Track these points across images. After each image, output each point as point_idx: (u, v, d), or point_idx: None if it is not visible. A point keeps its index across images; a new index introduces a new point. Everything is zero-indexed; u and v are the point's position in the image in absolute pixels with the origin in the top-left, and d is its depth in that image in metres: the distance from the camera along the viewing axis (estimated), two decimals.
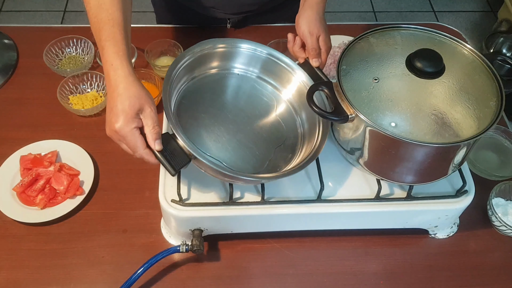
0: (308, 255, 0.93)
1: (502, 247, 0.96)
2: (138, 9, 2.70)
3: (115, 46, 0.78)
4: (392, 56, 0.83)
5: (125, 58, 0.78)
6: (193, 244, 0.85)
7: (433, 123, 0.76)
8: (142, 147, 0.74)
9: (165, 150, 0.74)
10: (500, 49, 2.27)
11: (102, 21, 0.80)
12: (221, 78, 0.93)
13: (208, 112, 0.88)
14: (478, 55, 0.84)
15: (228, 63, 0.93)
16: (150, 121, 0.75)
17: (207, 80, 0.91)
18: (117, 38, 0.79)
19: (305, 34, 0.92)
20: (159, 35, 1.20)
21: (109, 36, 0.79)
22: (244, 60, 0.93)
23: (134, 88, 0.76)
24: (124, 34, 0.80)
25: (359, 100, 0.78)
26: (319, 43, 0.92)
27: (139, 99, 0.75)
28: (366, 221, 0.91)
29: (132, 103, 0.74)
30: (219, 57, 0.91)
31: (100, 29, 0.80)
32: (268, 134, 0.89)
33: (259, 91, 0.93)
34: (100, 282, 0.88)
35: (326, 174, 0.88)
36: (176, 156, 0.74)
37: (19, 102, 1.13)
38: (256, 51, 0.92)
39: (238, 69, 0.93)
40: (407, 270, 0.92)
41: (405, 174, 0.83)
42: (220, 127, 0.87)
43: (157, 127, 0.75)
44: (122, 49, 0.78)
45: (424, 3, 2.87)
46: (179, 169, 0.74)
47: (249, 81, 0.94)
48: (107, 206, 0.97)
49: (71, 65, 1.19)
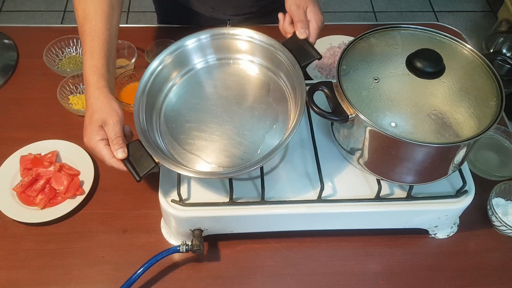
0: (308, 255, 0.93)
1: (502, 247, 0.96)
2: (138, 9, 2.70)
3: (91, 60, 0.83)
4: (392, 56, 0.83)
5: (97, 73, 0.82)
6: (193, 244, 0.85)
7: (433, 123, 0.76)
8: (109, 157, 0.79)
9: (132, 156, 0.79)
10: (500, 49, 2.27)
11: (85, 32, 0.85)
12: (204, 72, 0.92)
13: (194, 109, 0.88)
14: (478, 55, 0.84)
15: (205, 56, 0.92)
16: (112, 133, 0.79)
17: (192, 76, 0.91)
18: (94, 52, 0.83)
19: (292, 8, 0.90)
20: (159, 35, 1.20)
21: (88, 49, 0.84)
22: (219, 48, 0.91)
23: (99, 102, 0.80)
24: (103, 46, 0.84)
25: (359, 100, 0.78)
26: (307, 14, 0.89)
27: (102, 113, 0.80)
28: (366, 221, 0.91)
29: (95, 118, 0.79)
30: (194, 52, 0.91)
31: (83, 40, 0.85)
32: (256, 120, 0.86)
33: (241, 77, 0.91)
34: (100, 282, 0.88)
35: (326, 174, 0.88)
36: (143, 161, 0.78)
37: (19, 102, 1.13)
38: (227, 36, 0.89)
39: (214, 59, 0.92)
40: (407, 270, 0.92)
41: (405, 174, 0.83)
42: (207, 124, 0.86)
43: (118, 138, 0.79)
44: (97, 63, 0.83)
45: (424, 3, 2.87)
46: (143, 174, 0.78)
47: (231, 68, 0.92)
48: (107, 206, 0.97)
49: (71, 65, 1.19)
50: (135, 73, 1.13)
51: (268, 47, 0.89)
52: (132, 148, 0.79)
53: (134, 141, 0.80)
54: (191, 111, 0.88)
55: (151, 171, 0.78)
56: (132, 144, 0.80)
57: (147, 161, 0.78)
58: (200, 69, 0.92)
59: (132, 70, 1.13)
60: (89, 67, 0.83)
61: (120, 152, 0.78)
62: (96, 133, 0.79)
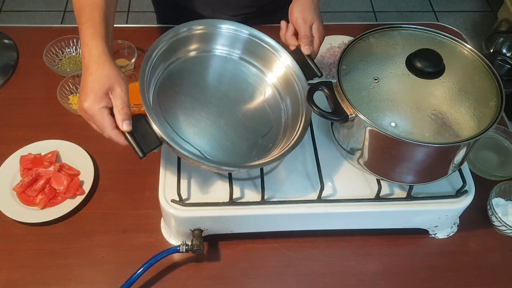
0: (308, 255, 0.93)
1: (502, 247, 0.96)
2: (138, 9, 2.70)
3: (92, 28, 0.78)
4: (392, 56, 0.83)
5: (101, 39, 0.77)
6: (193, 244, 0.85)
7: (433, 123, 0.76)
8: (110, 128, 0.73)
9: (135, 131, 0.73)
10: (500, 49, 2.27)
11: (83, 5, 0.80)
12: (204, 60, 0.90)
13: (189, 95, 0.86)
14: (478, 55, 0.84)
15: (209, 45, 0.90)
16: (119, 101, 0.74)
17: (190, 62, 0.89)
18: (95, 21, 0.79)
19: (299, 21, 0.90)
20: (159, 35, 1.19)
21: (88, 19, 0.79)
22: (225, 41, 0.90)
23: (105, 68, 0.75)
24: (104, 17, 0.80)
25: (359, 100, 0.78)
26: (312, 31, 0.90)
27: (109, 79, 0.74)
28: (366, 221, 0.91)
29: (102, 83, 0.74)
30: (198, 39, 0.89)
31: (80, 12, 0.80)
32: (253, 122, 0.86)
33: (243, 74, 0.90)
34: (100, 282, 0.88)
35: (326, 174, 0.88)
36: (147, 139, 0.73)
37: (19, 102, 1.13)
38: (237, 32, 0.89)
39: (219, 50, 0.90)
40: (407, 270, 0.92)
41: (405, 174, 0.83)
42: (200, 111, 0.84)
43: (125, 108, 0.74)
44: (99, 30, 0.78)
45: (424, 3, 2.87)
46: (148, 152, 0.73)
47: (232, 63, 0.91)
48: (107, 206, 0.97)
49: (71, 65, 1.19)
50: (135, 73, 1.13)
51: (271, 50, 0.89)
52: (135, 122, 0.74)
53: (137, 115, 0.75)
54: (188, 97, 0.85)
55: (155, 149, 0.74)
56: (135, 117, 0.75)
57: (152, 139, 0.73)
58: (204, 57, 0.90)
59: (132, 70, 1.13)
60: (91, 34, 0.77)
61: (126, 123, 0.73)
62: (101, 100, 0.73)
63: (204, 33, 0.89)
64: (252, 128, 0.86)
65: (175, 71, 0.87)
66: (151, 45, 0.83)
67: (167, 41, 0.85)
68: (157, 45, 0.83)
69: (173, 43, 0.86)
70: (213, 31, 0.89)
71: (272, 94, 0.90)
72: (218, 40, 0.90)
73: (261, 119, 0.87)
